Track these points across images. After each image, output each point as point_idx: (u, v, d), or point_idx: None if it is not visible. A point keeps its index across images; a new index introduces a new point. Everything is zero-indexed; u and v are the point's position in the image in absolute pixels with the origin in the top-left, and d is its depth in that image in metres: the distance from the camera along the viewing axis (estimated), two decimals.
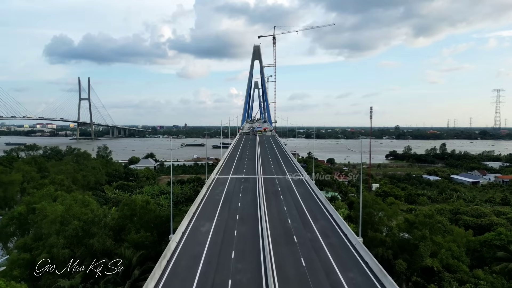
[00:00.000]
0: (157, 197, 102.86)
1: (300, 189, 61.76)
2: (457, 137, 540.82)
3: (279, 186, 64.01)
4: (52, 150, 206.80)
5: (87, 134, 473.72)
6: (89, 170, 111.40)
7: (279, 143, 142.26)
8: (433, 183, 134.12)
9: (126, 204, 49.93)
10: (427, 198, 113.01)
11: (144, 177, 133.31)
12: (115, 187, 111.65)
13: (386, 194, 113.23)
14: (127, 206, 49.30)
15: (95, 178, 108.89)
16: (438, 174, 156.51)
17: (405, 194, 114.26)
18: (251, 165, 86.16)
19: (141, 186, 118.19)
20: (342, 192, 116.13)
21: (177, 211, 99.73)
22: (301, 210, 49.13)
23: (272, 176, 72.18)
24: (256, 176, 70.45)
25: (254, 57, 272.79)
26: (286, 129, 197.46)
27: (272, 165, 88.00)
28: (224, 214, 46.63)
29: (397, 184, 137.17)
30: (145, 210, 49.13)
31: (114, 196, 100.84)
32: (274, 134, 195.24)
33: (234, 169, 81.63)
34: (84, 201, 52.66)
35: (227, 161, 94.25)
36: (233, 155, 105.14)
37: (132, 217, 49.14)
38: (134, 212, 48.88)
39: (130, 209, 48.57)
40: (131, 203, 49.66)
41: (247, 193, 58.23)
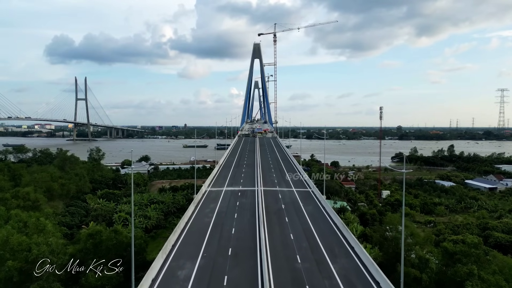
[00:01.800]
0: (145, 207, 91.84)
1: (308, 206, 50.70)
2: (460, 137, 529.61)
3: (283, 202, 53.02)
4: (41, 152, 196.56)
5: (85, 135, 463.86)
6: (71, 177, 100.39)
7: (281, 146, 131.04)
8: (448, 190, 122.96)
9: (91, 235, 38.80)
10: (444, 207, 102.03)
11: (134, 184, 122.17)
12: (100, 196, 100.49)
13: (400, 203, 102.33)
14: (91, 239, 38.17)
15: (76, 187, 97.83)
16: (452, 179, 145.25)
17: (420, 203, 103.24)
18: (250, 173, 75.08)
19: (129, 194, 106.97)
20: (350, 201, 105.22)
21: (166, 224, 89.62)
22: (312, 240, 38.07)
23: (274, 188, 61.18)
24: (255, 189, 59.53)
25: (254, 56, 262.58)
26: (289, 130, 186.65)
27: (274, 173, 76.93)
28: (213, 247, 35.60)
29: (409, 190, 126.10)
30: (112, 242, 38.06)
31: (98, 207, 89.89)
32: (275, 136, 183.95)
33: (229, 179, 70.50)
34: (39, 225, 41.79)
35: (223, 168, 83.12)
36: (230, 161, 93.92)
37: (96, 249, 38.18)
38: (99, 244, 37.84)
39: (94, 243, 37.45)
40: (97, 234, 38.61)
41: (244, 213, 47.20)
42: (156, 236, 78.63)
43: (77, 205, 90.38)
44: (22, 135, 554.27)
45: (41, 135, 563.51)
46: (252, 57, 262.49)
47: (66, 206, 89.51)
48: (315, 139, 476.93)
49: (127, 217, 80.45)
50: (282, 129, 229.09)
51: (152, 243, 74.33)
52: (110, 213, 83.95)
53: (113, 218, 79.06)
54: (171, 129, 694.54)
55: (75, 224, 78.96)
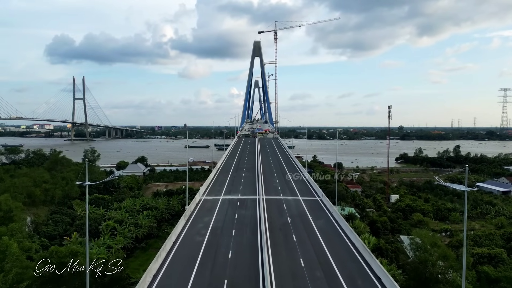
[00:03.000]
0: (137, 213, 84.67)
1: (319, 220, 43.45)
2: (463, 137, 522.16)
3: (289, 214, 45.80)
4: (35, 153, 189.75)
5: (84, 135, 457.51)
6: (56, 181, 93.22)
7: (283, 148, 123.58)
8: (461, 194, 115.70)
9: (47, 261, 31.70)
10: (459, 213, 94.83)
11: (126, 188, 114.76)
12: (88, 202, 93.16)
13: (411, 209, 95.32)
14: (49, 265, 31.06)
15: (63, 192, 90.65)
16: (463, 182, 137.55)
17: (433, 209, 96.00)
18: (250, 179, 67.82)
19: (121, 199, 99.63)
20: (358, 207, 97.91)
21: (160, 232, 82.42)
22: (328, 267, 30.82)
23: (277, 197, 53.97)
24: (256, 197, 52.33)
25: (254, 54, 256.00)
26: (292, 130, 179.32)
27: (277, 178, 69.62)
28: (204, 279, 28.40)
29: (418, 194, 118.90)
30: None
31: (85, 213, 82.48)
32: (277, 137, 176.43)
33: (227, 185, 63.19)
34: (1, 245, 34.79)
35: (220, 172, 75.82)
36: (229, 164, 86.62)
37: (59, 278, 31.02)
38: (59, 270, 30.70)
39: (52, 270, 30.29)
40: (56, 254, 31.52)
41: (244, 229, 40.00)
42: (147, 247, 71.64)
43: (62, 212, 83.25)
44: (19, 135, 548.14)
45: (38, 135, 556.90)
46: (252, 55, 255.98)
47: (51, 213, 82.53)
48: (316, 139, 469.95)
49: (115, 226, 73.40)
50: (282, 129, 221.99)
51: (141, 256, 67.18)
52: (99, 220, 76.93)
53: (100, 227, 71.92)
54: (170, 129, 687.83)
55: (58, 234, 71.98)
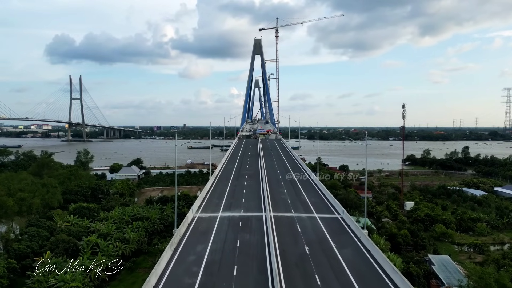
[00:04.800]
0: (126, 225, 74.35)
1: (345, 250, 33.53)
2: (466, 138, 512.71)
3: (305, 240, 35.86)
4: (25, 155, 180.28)
5: (81, 135, 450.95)
6: (35, 188, 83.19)
7: (289, 150, 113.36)
8: (482, 201, 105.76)
9: None
10: (485, 224, 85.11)
11: (117, 194, 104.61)
12: (72, 211, 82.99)
13: (431, 219, 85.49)
14: None
15: (42, 201, 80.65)
16: (480, 187, 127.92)
17: (456, 219, 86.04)
18: (254, 188, 57.85)
19: (110, 207, 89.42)
20: (372, 216, 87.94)
21: (150, 248, 72.45)
22: None
23: (289, 214, 44.05)
24: (262, 214, 42.49)
25: (254, 52, 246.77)
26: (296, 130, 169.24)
27: (285, 188, 59.53)
28: None
29: (434, 200, 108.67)
30: None
31: (66, 226, 72.88)
32: (280, 138, 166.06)
33: (227, 197, 53.12)
34: None
35: (219, 181, 65.62)
36: (228, 170, 76.41)
37: None
38: None
39: None
40: None
41: (249, 264, 30.11)
42: (134, 266, 61.46)
43: (40, 224, 73.09)
44: (16, 136, 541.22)
45: (35, 136, 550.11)
46: (253, 53, 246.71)
47: (27, 226, 72.58)
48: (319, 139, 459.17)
49: (98, 242, 63.16)
50: (283, 129, 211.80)
51: (126, 279, 56.66)
52: (80, 234, 66.81)
53: (79, 245, 61.64)
54: (169, 129, 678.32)
55: (31, 251, 61.90)
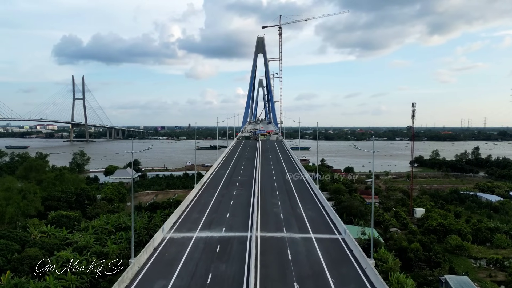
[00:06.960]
0: (109, 235, 66.53)
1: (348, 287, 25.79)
2: (474, 138, 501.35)
3: (296, 274, 28.01)
4: (19, 157, 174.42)
5: (85, 136, 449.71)
6: (11, 195, 76.30)
7: (288, 153, 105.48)
8: (499, 207, 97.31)
9: None
10: (504, 234, 76.70)
11: (104, 200, 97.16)
12: (50, 220, 75.73)
13: (445, 229, 77.12)
14: None
15: (17, 209, 73.70)
16: (495, 191, 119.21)
17: (472, 229, 77.67)
18: (244, 199, 50.26)
19: (94, 215, 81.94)
20: (379, 225, 79.80)
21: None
22: None
23: (279, 235, 36.40)
24: (247, 234, 34.86)
25: (257, 50, 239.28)
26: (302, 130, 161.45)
27: (280, 199, 51.73)
28: None
29: (446, 206, 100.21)
30: None
31: (39, 239, 65.44)
32: (281, 139, 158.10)
33: (210, 211, 45.41)
34: None
35: (205, 189, 57.92)
36: (219, 176, 68.72)
37: None
38: None
39: None
40: None
41: None
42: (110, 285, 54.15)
43: (11, 236, 66.03)
44: (20, 136, 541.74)
45: (39, 136, 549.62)
46: (256, 51, 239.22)
47: None
48: (323, 139, 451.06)
49: (70, 258, 55.58)
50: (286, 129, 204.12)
51: None
52: (55, 247, 59.50)
53: (47, 262, 54.14)
54: (174, 129, 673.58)
55: None
